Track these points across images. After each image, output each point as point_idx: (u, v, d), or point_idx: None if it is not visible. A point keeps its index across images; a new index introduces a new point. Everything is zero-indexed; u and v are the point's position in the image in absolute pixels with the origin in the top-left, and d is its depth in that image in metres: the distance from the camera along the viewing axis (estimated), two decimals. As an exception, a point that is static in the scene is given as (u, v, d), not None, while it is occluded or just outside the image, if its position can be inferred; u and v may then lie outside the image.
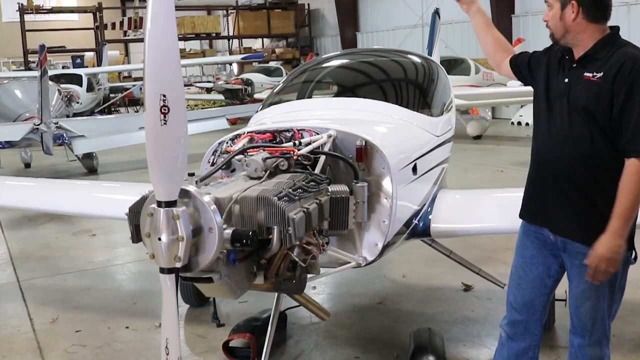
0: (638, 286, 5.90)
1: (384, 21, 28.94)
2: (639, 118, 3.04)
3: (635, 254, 3.31)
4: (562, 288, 3.76)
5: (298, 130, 4.07)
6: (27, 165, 14.87)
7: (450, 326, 5.28)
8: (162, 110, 2.56)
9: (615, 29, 3.27)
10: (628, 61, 3.07)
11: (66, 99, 16.84)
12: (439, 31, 11.30)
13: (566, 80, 3.26)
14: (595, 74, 3.14)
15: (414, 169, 4.42)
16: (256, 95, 22.18)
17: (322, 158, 3.88)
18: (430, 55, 9.28)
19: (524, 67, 3.59)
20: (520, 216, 3.57)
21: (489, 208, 5.01)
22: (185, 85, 12.91)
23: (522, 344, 3.57)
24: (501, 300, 5.55)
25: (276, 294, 4.36)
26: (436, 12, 11.63)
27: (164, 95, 2.56)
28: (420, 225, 4.62)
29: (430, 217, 4.68)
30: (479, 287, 5.92)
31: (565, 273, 3.47)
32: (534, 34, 19.57)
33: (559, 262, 3.44)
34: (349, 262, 4.05)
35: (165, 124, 2.58)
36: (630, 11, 18.66)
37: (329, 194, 3.61)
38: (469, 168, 11.86)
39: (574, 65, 3.25)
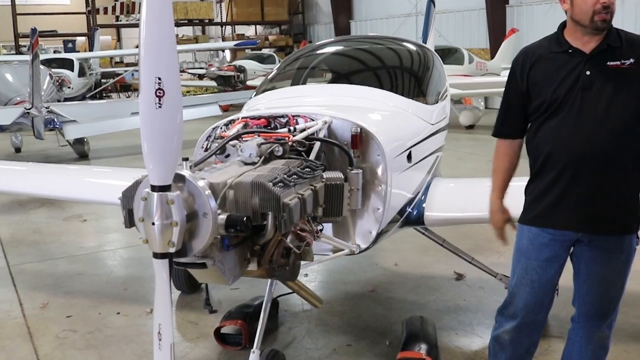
0: (630, 276, 5.91)
1: (378, 9, 28.84)
2: None
3: (639, 235, 3.32)
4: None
5: (293, 116, 4.05)
6: (18, 150, 14.77)
7: (443, 314, 5.28)
8: (157, 94, 2.54)
9: None
10: None
11: (57, 83, 16.74)
12: (434, 20, 11.27)
13: (588, 72, 3.13)
14: (624, 61, 3.11)
15: (409, 157, 4.41)
16: (249, 82, 22.11)
17: (317, 144, 3.86)
18: (425, 44, 9.25)
19: (520, 106, 3.35)
20: (539, 224, 3.32)
21: (482, 197, 4.97)
22: (177, 71, 12.81)
23: (527, 342, 3.53)
24: (493, 289, 5.59)
25: (268, 280, 4.34)
26: (431, 1, 11.59)
27: (159, 79, 2.54)
28: (414, 213, 4.61)
29: (424, 205, 4.67)
30: (471, 276, 5.92)
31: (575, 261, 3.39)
32: (528, 24, 19.55)
33: (567, 253, 3.37)
34: (343, 249, 4.04)
35: (160, 107, 2.55)
36: (624, 3, 18.66)
37: (323, 180, 3.59)
38: (462, 157, 11.87)
39: (590, 57, 3.15)
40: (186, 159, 2.99)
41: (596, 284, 3.33)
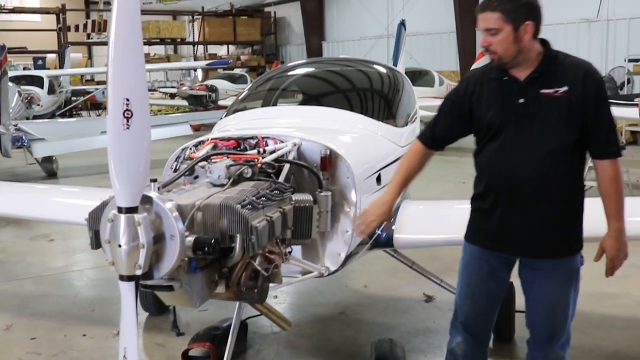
0: (596, 298, 5.99)
1: (350, 31, 29.11)
2: (609, 122, 3.22)
3: (582, 255, 3.41)
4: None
5: (262, 137, 4.05)
6: (-16, 168, 14.57)
7: (412, 337, 5.28)
8: (125, 115, 2.52)
9: (548, 42, 3.31)
10: (589, 71, 3.20)
11: (26, 100, 16.59)
12: (405, 42, 11.38)
13: (521, 100, 3.20)
14: (557, 88, 3.17)
15: (378, 179, 4.42)
16: (220, 102, 22.09)
17: (287, 166, 3.86)
18: (396, 66, 9.34)
19: (457, 123, 3.44)
20: (478, 244, 3.45)
21: (451, 219, 5.01)
22: (149, 90, 12.78)
23: (478, 356, 3.61)
24: (462, 311, 5.60)
25: (237, 302, 4.31)
26: (402, 24, 11.73)
27: (128, 99, 2.52)
28: (384, 235, 4.61)
29: (393, 227, 4.68)
30: (441, 298, 5.93)
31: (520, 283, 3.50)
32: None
33: (510, 273, 3.50)
34: (312, 272, 4.03)
35: (128, 128, 2.53)
36: (591, 27, 19.04)
37: (292, 202, 3.58)
38: (431, 179, 11.91)
39: (524, 85, 3.22)
40: (154, 180, 2.97)
41: (542, 306, 3.41)
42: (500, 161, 3.26)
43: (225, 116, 5.34)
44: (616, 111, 11.52)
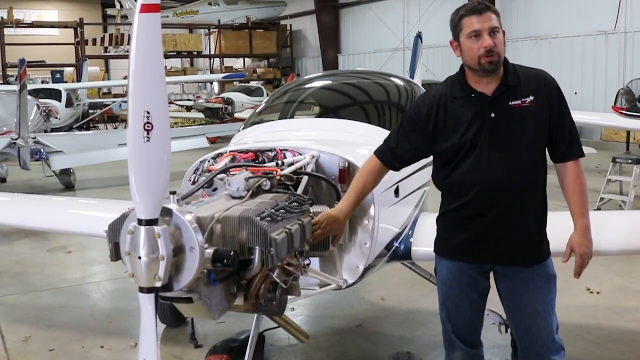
0: (615, 312, 5.93)
1: (366, 44, 29.16)
2: (572, 124, 3.36)
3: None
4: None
5: (281, 150, 4.05)
6: (3, 180, 14.66)
7: (430, 350, 5.25)
8: (146, 127, 2.53)
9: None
10: (547, 79, 3.35)
11: (44, 113, 16.70)
12: (421, 55, 11.39)
13: (492, 115, 3.25)
14: (524, 99, 3.25)
15: (396, 192, 4.41)
16: (236, 115, 22.17)
17: (305, 179, 3.86)
18: (412, 78, 9.33)
19: (419, 143, 3.46)
20: (456, 258, 3.47)
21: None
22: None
23: None
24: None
25: (255, 314, 4.31)
26: (419, 36, 11.74)
27: (148, 112, 2.54)
28: (402, 248, 4.59)
29: (411, 239, 4.66)
30: (458, 311, 5.89)
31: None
32: (513, 60, 19.53)
33: (488, 281, 3.55)
34: (330, 284, 4.02)
35: (148, 140, 2.55)
36: (608, 39, 18.94)
37: (311, 215, 3.58)
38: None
39: (493, 99, 3.26)
40: (173, 192, 2.98)
41: (523, 315, 3.47)
42: (478, 176, 3.28)
43: (243, 129, 5.36)
44: (635, 124, 11.44)
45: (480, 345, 3.68)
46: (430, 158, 5.45)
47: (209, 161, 4.13)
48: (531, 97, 3.26)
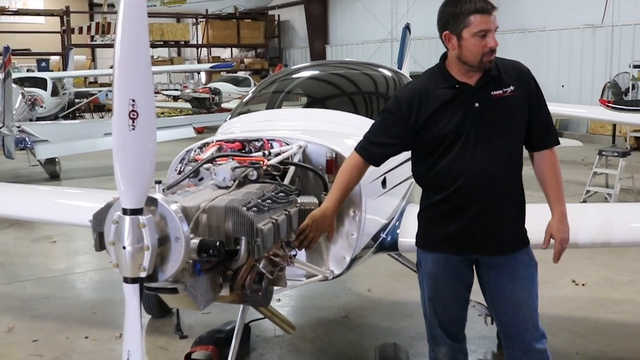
0: (600, 304, 5.96)
1: (354, 35, 29.12)
2: (547, 114, 3.46)
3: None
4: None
5: (268, 140, 4.03)
6: (-13, 169, 14.58)
7: (416, 341, 5.25)
8: (131, 115, 2.49)
9: None
10: (522, 69, 3.43)
11: (30, 102, 16.59)
12: (409, 46, 11.36)
13: (477, 104, 3.29)
14: (505, 89, 3.31)
15: (383, 183, 4.40)
16: (223, 105, 22.10)
17: (292, 169, 3.83)
18: (400, 70, 9.31)
19: (401, 138, 3.42)
20: (443, 250, 3.48)
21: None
22: (152, 92, 12.77)
23: (461, 357, 3.69)
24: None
25: (241, 305, 4.29)
26: (407, 27, 11.70)
27: (133, 100, 2.50)
28: (389, 239, 4.59)
29: (398, 231, 4.65)
30: (444, 302, 5.90)
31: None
32: (501, 52, 19.32)
33: (473, 273, 3.56)
34: (316, 275, 4.00)
35: (133, 129, 2.51)
36: (595, 33, 19.01)
37: (297, 205, 3.55)
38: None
39: (476, 89, 3.30)
40: (159, 182, 2.94)
41: (510, 304, 3.47)
42: (463, 166, 3.30)
43: (230, 119, 5.32)
44: (621, 117, 11.49)
45: (464, 339, 3.70)
46: None
47: (195, 151, 4.10)
48: (512, 87, 3.32)
